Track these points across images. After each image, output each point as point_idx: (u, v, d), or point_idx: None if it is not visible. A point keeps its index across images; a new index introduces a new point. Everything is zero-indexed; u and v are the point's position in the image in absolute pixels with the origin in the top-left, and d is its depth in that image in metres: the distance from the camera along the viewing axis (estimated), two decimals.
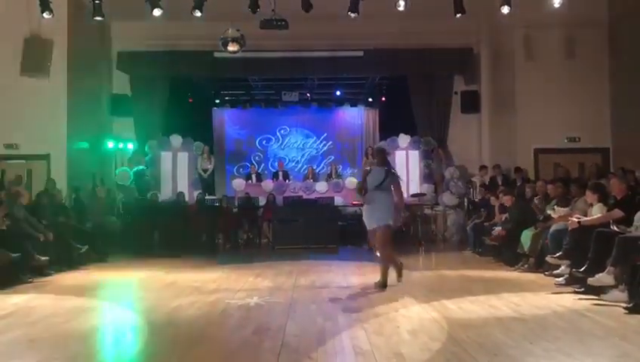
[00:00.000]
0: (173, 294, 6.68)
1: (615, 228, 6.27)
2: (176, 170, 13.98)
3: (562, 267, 6.97)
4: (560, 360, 3.90)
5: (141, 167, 13.69)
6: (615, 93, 12.36)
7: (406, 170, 13.99)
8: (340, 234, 12.01)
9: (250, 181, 14.26)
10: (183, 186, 13.71)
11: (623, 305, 5.38)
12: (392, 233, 6.92)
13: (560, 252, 6.81)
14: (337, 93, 16.48)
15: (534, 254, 7.94)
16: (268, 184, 13.98)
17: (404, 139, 14.09)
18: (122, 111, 14.06)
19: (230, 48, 10.92)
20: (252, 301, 6.16)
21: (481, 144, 14.20)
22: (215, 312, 5.67)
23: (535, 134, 12.61)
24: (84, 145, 12.80)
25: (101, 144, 13.55)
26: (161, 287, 7.26)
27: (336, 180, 14.49)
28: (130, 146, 13.97)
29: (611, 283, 5.74)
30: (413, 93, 14.36)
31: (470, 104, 14.21)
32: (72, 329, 5.02)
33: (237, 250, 12.16)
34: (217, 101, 16.71)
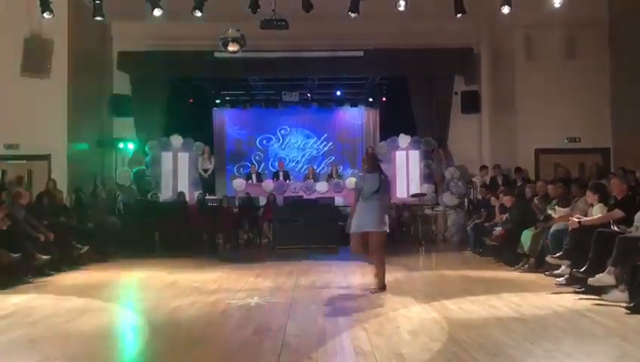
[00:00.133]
0: (173, 294, 6.68)
1: (615, 228, 6.27)
2: (176, 170, 14.00)
3: (563, 267, 6.97)
4: (560, 361, 3.90)
5: (141, 168, 13.71)
6: (615, 93, 12.35)
7: (406, 170, 14.04)
8: (341, 234, 11.97)
9: (250, 181, 14.26)
10: (184, 186, 13.71)
11: (624, 305, 5.38)
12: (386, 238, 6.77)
13: (560, 252, 6.81)
14: (338, 93, 16.48)
15: (535, 254, 7.94)
16: (268, 184, 13.98)
17: (404, 139, 14.11)
18: (123, 111, 14.09)
19: (230, 48, 10.93)
20: (252, 301, 6.16)
21: (481, 144, 14.22)
22: (215, 312, 5.67)
23: (535, 134, 12.60)
24: (84, 145, 12.81)
25: (101, 144, 13.57)
26: (161, 287, 7.27)
27: (336, 180, 14.51)
28: (130, 146, 13.98)
29: (612, 283, 5.74)
30: (413, 93, 14.38)
31: (470, 104, 14.24)
32: (73, 329, 5.02)
33: (237, 250, 12.16)
34: (218, 101, 16.72)
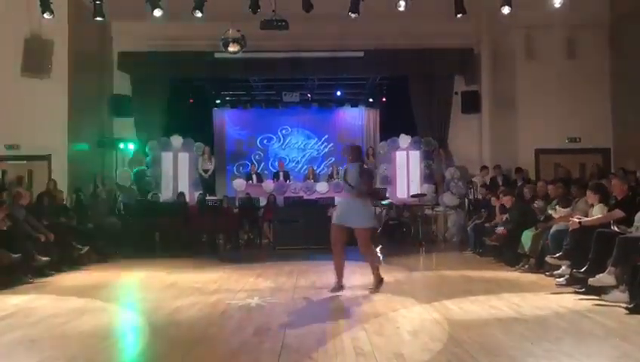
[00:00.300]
0: (173, 295, 6.68)
1: (616, 228, 6.27)
2: (176, 171, 14.01)
3: (563, 267, 6.97)
4: (561, 361, 3.90)
5: (142, 168, 13.71)
6: (616, 93, 12.34)
7: (406, 171, 14.04)
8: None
9: (250, 181, 14.26)
10: (184, 187, 13.72)
11: (624, 306, 5.38)
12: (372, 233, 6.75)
13: (560, 252, 6.82)
14: (338, 93, 16.48)
15: (535, 254, 7.93)
16: (268, 184, 13.98)
17: (404, 139, 14.11)
18: (123, 111, 14.11)
19: (231, 49, 10.94)
20: (253, 301, 6.16)
21: (481, 144, 14.23)
22: (216, 313, 5.66)
23: (536, 135, 12.58)
24: (84, 145, 12.81)
25: (102, 144, 13.57)
26: (161, 288, 7.26)
27: (336, 181, 14.47)
28: (130, 147, 13.98)
29: (612, 283, 5.74)
30: (413, 93, 14.39)
31: (471, 104, 14.25)
32: (73, 329, 5.02)
33: (238, 251, 12.15)
34: (218, 101, 16.72)
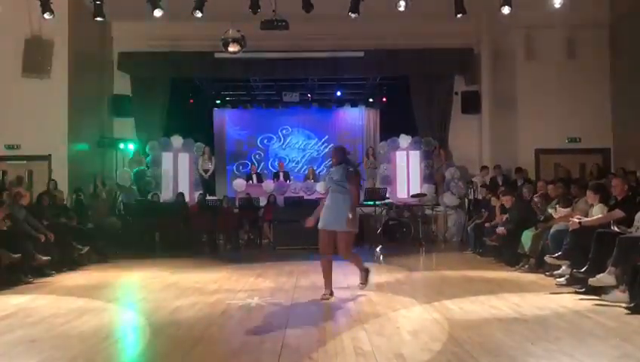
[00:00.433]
0: (174, 295, 6.68)
1: (616, 228, 6.27)
2: (177, 171, 14.02)
3: (563, 267, 6.97)
4: (561, 361, 3.90)
5: (142, 168, 13.72)
6: (616, 93, 12.34)
7: (407, 171, 14.05)
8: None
9: (250, 181, 14.26)
10: (184, 187, 13.73)
11: (624, 306, 5.38)
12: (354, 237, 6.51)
13: (559, 252, 6.82)
14: (338, 93, 16.49)
15: (535, 255, 7.93)
16: (269, 184, 13.99)
17: (404, 139, 14.12)
18: (123, 111, 14.13)
19: (231, 49, 10.94)
20: (253, 301, 6.16)
21: (481, 144, 14.24)
22: (216, 313, 5.66)
23: (536, 135, 12.59)
24: (84, 145, 12.82)
25: (102, 144, 13.57)
26: (162, 288, 7.26)
27: None
28: (130, 147, 13.99)
29: (612, 283, 5.74)
30: (413, 93, 14.40)
31: (471, 104, 14.26)
32: (73, 329, 5.01)
33: (238, 251, 12.16)
34: (218, 101, 16.73)
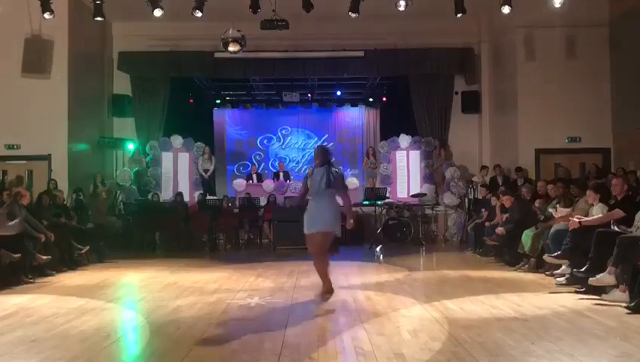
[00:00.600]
0: (174, 294, 6.68)
1: (616, 228, 6.28)
2: (176, 171, 14.03)
3: (563, 267, 6.97)
4: (561, 360, 3.90)
5: (142, 168, 13.72)
6: (616, 93, 12.34)
7: (407, 170, 14.05)
8: (341, 234, 11.95)
9: (250, 181, 14.26)
10: (184, 187, 13.74)
11: (624, 305, 5.39)
12: (332, 241, 6.42)
13: (559, 251, 6.82)
14: (338, 93, 16.46)
15: (535, 254, 7.94)
16: (269, 184, 13.98)
17: (404, 139, 14.12)
18: (123, 111, 14.13)
19: (231, 48, 10.94)
20: (253, 301, 6.17)
21: (481, 144, 14.26)
22: (216, 312, 5.66)
23: (536, 134, 12.57)
24: (84, 145, 12.81)
25: (102, 144, 13.57)
26: (162, 287, 7.26)
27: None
28: (130, 147, 13.99)
29: (612, 283, 5.74)
30: (413, 93, 14.41)
31: (471, 104, 14.28)
32: (73, 329, 5.01)
33: (238, 251, 12.16)
34: (218, 101, 16.71)
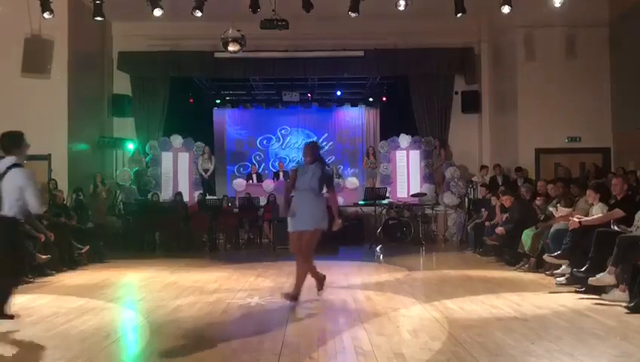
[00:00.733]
0: (174, 294, 6.68)
1: (616, 227, 6.28)
2: (176, 171, 14.03)
3: (563, 266, 6.98)
4: (561, 360, 3.90)
5: (142, 167, 13.71)
6: (616, 93, 12.34)
7: (407, 170, 14.05)
8: (341, 234, 11.94)
9: (250, 181, 14.26)
10: (184, 186, 13.73)
11: (624, 305, 5.39)
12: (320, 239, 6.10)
13: (559, 251, 6.82)
14: (338, 93, 16.47)
15: (535, 254, 7.93)
16: (269, 184, 13.98)
17: (404, 138, 14.12)
18: (123, 111, 14.13)
19: (231, 48, 10.94)
20: (253, 301, 6.17)
21: (481, 144, 14.25)
22: (216, 312, 5.67)
23: (536, 134, 12.57)
24: (84, 145, 12.81)
25: (101, 144, 13.56)
26: (162, 287, 7.26)
27: (336, 180, 14.49)
28: (130, 146, 13.99)
29: (612, 282, 5.74)
30: (413, 93, 14.40)
31: (471, 104, 14.27)
32: (73, 329, 5.01)
33: (238, 250, 12.16)
34: (218, 101, 16.71)
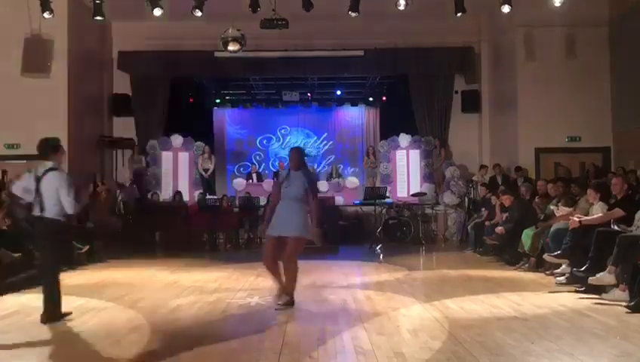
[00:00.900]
0: (174, 294, 6.68)
1: (616, 227, 6.28)
2: (176, 170, 14.03)
3: (563, 266, 6.98)
4: (561, 360, 3.90)
5: (142, 167, 13.71)
6: (616, 92, 12.33)
7: (406, 170, 14.05)
8: (341, 233, 12.00)
9: (250, 181, 14.26)
10: (184, 186, 13.73)
11: (624, 304, 5.39)
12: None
13: (559, 251, 6.82)
14: (338, 92, 16.46)
15: (535, 254, 7.93)
16: (269, 184, 13.97)
17: (404, 138, 14.13)
18: (123, 110, 14.11)
19: (231, 48, 10.93)
20: (253, 300, 6.17)
21: (481, 143, 14.25)
22: (216, 312, 5.67)
23: (536, 134, 12.56)
24: (85, 145, 12.80)
25: (102, 144, 13.56)
26: (162, 287, 7.26)
27: (336, 180, 14.52)
28: (130, 146, 13.97)
29: (612, 282, 5.74)
30: (413, 92, 14.39)
31: (471, 103, 14.27)
32: (73, 329, 5.02)
33: (238, 250, 12.16)
34: (218, 101, 16.70)
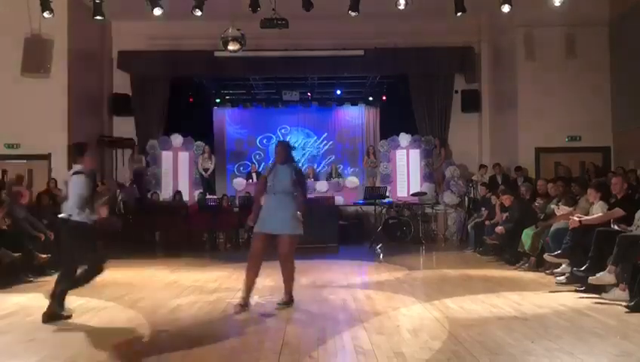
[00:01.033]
0: (174, 293, 6.68)
1: (616, 226, 6.27)
2: (176, 170, 14.03)
3: (563, 266, 6.98)
4: (561, 359, 3.90)
5: (142, 167, 13.71)
6: (616, 92, 12.33)
7: (407, 169, 14.05)
8: (341, 233, 11.99)
9: (250, 180, 14.25)
10: (184, 186, 13.73)
11: (624, 304, 5.39)
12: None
13: (559, 250, 6.82)
14: (338, 92, 16.45)
15: (535, 253, 7.94)
16: None
17: (404, 138, 14.13)
18: (123, 110, 14.11)
19: (230, 47, 10.93)
20: (253, 300, 6.16)
21: (481, 143, 14.25)
22: (216, 311, 5.67)
23: (536, 133, 12.56)
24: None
25: (102, 144, 13.56)
26: (162, 287, 7.27)
27: (336, 180, 14.51)
28: (130, 146, 13.97)
29: (612, 281, 5.74)
30: (413, 92, 14.39)
31: (471, 103, 14.27)
32: (73, 328, 5.02)
33: (238, 250, 12.14)
34: (218, 100, 16.69)
